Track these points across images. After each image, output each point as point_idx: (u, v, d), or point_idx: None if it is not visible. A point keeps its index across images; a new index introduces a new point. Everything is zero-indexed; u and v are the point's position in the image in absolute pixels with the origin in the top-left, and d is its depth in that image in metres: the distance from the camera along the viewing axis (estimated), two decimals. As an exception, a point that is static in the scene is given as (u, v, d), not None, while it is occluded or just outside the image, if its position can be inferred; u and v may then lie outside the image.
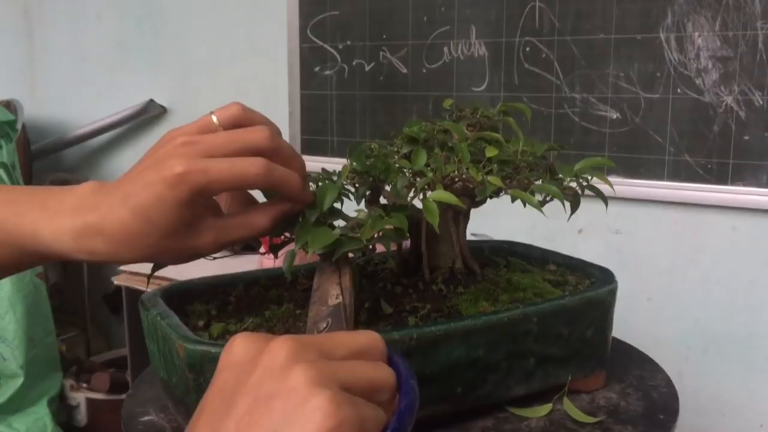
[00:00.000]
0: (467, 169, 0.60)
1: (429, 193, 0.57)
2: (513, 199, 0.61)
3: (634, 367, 0.78)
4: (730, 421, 1.52)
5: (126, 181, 0.52)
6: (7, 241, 0.53)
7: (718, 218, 1.47)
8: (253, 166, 0.50)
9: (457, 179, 0.61)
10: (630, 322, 1.11)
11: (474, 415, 0.63)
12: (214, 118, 0.53)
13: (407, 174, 0.60)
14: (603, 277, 0.72)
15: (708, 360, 1.52)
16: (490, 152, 0.61)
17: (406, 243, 0.70)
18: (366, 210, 0.58)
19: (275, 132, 0.54)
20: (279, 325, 0.64)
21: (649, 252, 1.56)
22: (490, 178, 0.60)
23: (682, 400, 0.70)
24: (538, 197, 0.61)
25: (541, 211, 0.61)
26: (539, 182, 0.63)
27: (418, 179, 0.60)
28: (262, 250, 0.65)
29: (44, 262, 0.56)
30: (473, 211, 0.71)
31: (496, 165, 0.61)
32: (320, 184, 0.58)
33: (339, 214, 0.57)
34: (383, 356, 0.42)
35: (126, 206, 0.50)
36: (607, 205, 0.68)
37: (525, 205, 0.60)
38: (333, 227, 0.55)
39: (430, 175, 0.59)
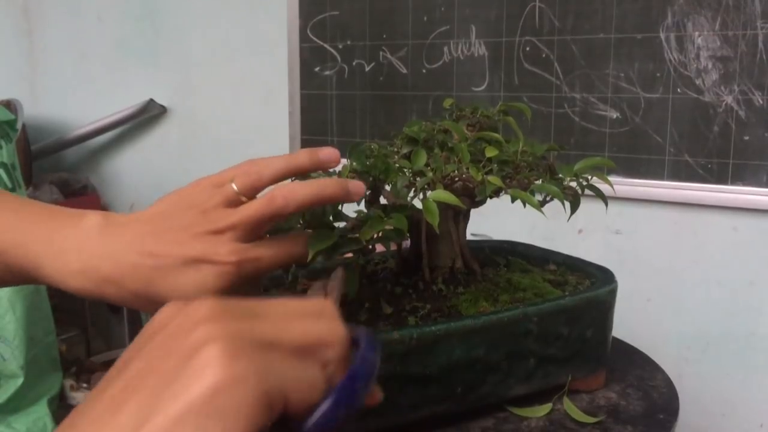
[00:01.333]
0: (467, 169, 0.60)
1: (429, 193, 0.57)
2: (513, 199, 0.61)
3: (634, 367, 0.78)
4: (730, 421, 1.52)
5: (153, 240, 0.49)
6: (11, 270, 0.51)
7: (718, 218, 1.47)
8: (298, 245, 0.52)
9: (457, 179, 0.61)
10: (630, 322, 1.11)
11: (474, 415, 0.63)
12: (234, 187, 0.51)
13: (407, 174, 0.60)
14: (603, 277, 0.72)
15: (708, 360, 1.52)
16: (490, 152, 0.61)
17: (406, 243, 0.70)
18: (365, 210, 0.59)
19: (294, 189, 0.51)
20: None
21: (649, 252, 1.56)
22: (490, 177, 0.60)
23: (682, 400, 0.70)
24: (538, 197, 0.61)
25: (541, 212, 0.61)
26: (539, 182, 0.63)
27: (418, 179, 0.60)
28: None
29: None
30: (473, 211, 0.71)
31: (496, 165, 0.61)
32: None
33: (339, 214, 0.57)
34: (341, 346, 0.35)
35: (157, 274, 0.48)
36: (607, 205, 0.68)
37: (525, 205, 0.60)
38: (332, 228, 0.55)
39: (430, 174, 0.59)
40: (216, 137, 2.21)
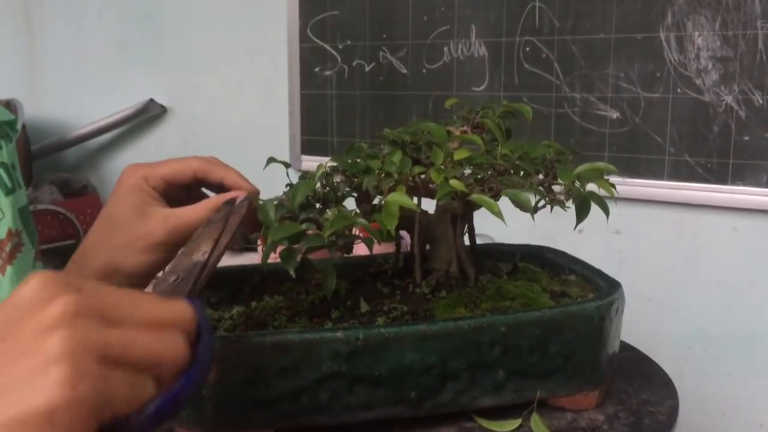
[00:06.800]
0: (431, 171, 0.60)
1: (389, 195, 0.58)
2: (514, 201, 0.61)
3: (634, 368, 0.77)
4: (730, 421, 1.51)
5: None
6: None
7: (718, 218, 1.47)
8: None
9: (430, 183, 0.61)
10: (630, 322, 1.10)
11: (436, 422, 0.61)
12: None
13: (378, 174, 0.61)
14: (603, 291, 0.67)
15: (708, 360, 1.52)
16: (459, 155, 0.61)
17: (407, 244, 0.70)
18: (352, 209, 0.59)
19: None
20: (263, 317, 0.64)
21: (649, 252, 1.56)
22: (451, 181, 0.59)
23: (682, 400, 0.70)
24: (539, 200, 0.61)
25: (532, 215, 0.61)
26: (530, 185, 0.63)
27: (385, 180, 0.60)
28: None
29: None
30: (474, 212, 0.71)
31: (470, 168, 0.61)
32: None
33: (312, 210, 0.58)
34: (189, 333, 0.37)
35: None
36: (608, 215, 0.68)
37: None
38: (301, 223, 0.56)
39: (396, 176, 0.59)
40: (216, 137, 2.21)
